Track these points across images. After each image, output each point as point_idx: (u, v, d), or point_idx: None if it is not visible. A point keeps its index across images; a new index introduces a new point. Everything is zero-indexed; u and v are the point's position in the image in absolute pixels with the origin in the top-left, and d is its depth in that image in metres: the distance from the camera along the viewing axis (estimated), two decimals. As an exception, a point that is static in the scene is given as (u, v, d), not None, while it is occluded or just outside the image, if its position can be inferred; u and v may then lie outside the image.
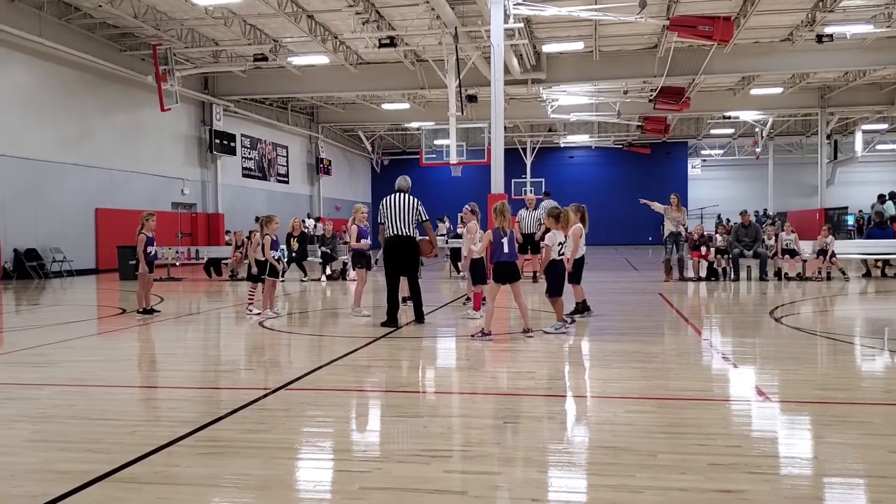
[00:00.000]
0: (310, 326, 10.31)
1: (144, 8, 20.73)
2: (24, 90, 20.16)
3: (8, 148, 19.38)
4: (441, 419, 5.07)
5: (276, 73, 27.70)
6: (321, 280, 18.07)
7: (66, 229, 21.39)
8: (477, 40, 22.57)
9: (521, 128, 41.14)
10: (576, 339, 8.41)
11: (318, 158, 39.17)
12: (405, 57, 25.96)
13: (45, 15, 20.14)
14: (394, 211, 9.57)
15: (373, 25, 21.79)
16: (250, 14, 21.30)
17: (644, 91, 31.07)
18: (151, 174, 25.71)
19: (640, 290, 14.74)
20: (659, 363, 7.06)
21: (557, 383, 6.26)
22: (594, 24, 22.52)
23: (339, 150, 42.68)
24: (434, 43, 23.40)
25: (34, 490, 3.60)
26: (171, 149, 27.32)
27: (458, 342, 8.50)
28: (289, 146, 36.61)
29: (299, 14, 21.19)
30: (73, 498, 3.50)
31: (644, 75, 26.98)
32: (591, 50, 25.31)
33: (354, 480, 3.75)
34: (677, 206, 16.64)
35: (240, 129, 31.72)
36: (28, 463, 4.10)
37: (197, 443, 4.44)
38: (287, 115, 35.66)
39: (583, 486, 3.74)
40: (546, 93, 30.52)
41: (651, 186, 42.88)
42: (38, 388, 6.17)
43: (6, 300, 15.10)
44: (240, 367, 6.10)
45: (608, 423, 4.83)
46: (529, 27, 22.98)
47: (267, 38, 23.66)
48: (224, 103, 29.52)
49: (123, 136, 24.34)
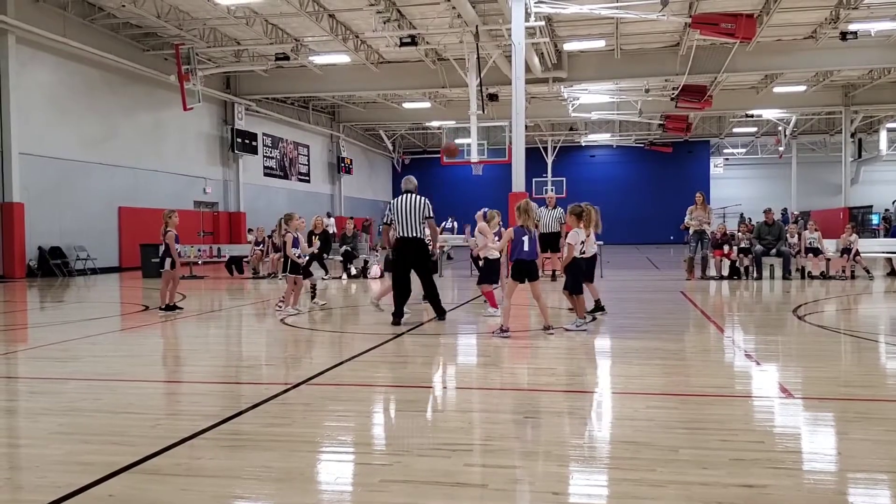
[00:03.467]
0: (331, 323, 10.34)
1: (167, 7, 20.90)
2: (48, 90, 20.40)
3: (33, 147, 19.61)
4: (462, 414, 5.07)
5: (297, 73, 27.82)
6: (343, 278, 18.13)
7: (90, 227, 21.62)
8: (498, 39, 22.52)
9: (542, 126, 41.02)
10: (597, 337, 8.37)
11: (339, 157, 39.30)
12: (426, 56, 25.98)
13: (70, 15, 20.36)
14: (403, 212, 9.53)
15: (394, 24, 21.81)
16: (272, 13, 21.40)
17: (666, 89, 30.86)
18: (174, 173, 25.92)
19: (662, 289, 14.65)
20: (680, 360, 7.02)
21: (578, 379, 6.24)
22: (616, 22, 22.40)
23: (360, 149, 42.79)
24: (455, 41, 23.38)
25: (59, 481, 3.64)
26: (194, 148, 27.53)
27: (478, 339, 8.50)
28: (310, 145, 36.77)
29: (321, 13, 21.27)
30: (98, 488, 3.54)
31: (666, 73, 26.80)
32: (613, 48, 25.18)
33: (375, 473, 3.76)
34: (702, 205, 16.53)
35: (261, 129, 31.90)
36: (53, 455, 4.15)
37: (219, 436, 4.48)
38: (308, 114, 35.80)
39: (603, 479, 3.72)
40: (567, 91, 30.41)
41: (673, 185, 42.71)
42: (63, 382, 6.24)
43: (31, 297, 15.30)
44: (261, 362, 6.14)
45: (629, 419, 4.81)
46: (551, 25, 22.91)
47: (289, 37, 23.77)
48: (246, 103, 29.69)
49: (146, 136, 24.57)
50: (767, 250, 16.41)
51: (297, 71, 27.58)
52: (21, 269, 19.10)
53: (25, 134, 19.33)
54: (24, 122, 19.22)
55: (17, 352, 8.16)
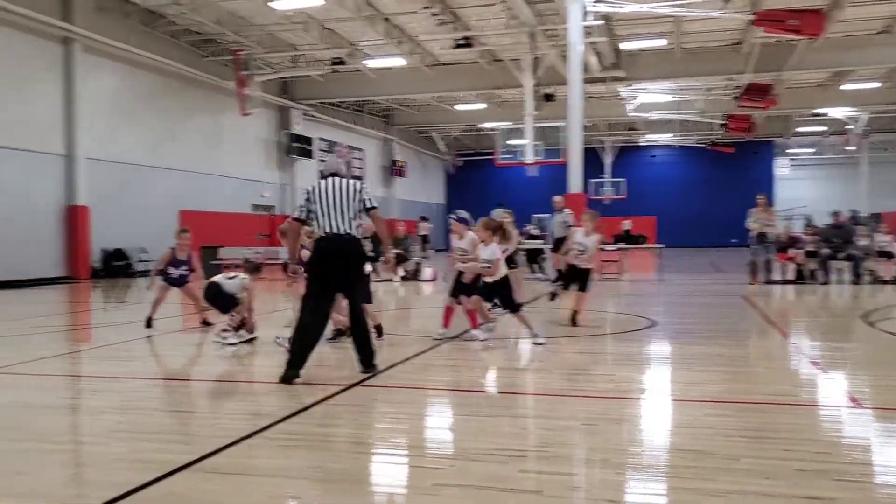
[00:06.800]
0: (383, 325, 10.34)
1: (226, 14, 21.31)
2: (112, 96, 20.99)
3: (98, 152, 20.18)
4: (516, 419, 5.01)
5: (352, 77, 28.07)
6: (394, 280, 18.19)
7: (151, 230, 22.10)
8: (554, 39, 22.35)
9: (599, 127, 40.55)
10: (656, 343, 8.20)
11: (392, 160, 39.54)
12: (481, 57, 25.93)
13: (133, 23, 20.92)
14: (327, 200, 6.47)
15: (449, 26, 21.85)
16: (328, 18, 21.64)
17: (728, 88, 30.21)
18: (232, 177, 26.39)
19: (724, 293, 14.30)
20: (742, 367, 6.83)
21: (636, 386, 6.10)
22: (676, 21, 22.02)
23: (414, 151, 42.97)
24: (510, 42, 23.30)
25: (121, 478, 3.70)
26: (251, 152, 28.01)
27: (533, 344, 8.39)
28: (364, 149, 37.07)
29: (376, 17, 21.41)
30: (158, 486, 3.58)
31: (728, 72, 26.24)
32: (673, 47, 24.75)
33: (428, 477, 3.73)
34: (765, 207, 16.12)
35: (317, 133, 32.26)
36: (114, 452, 4.23)
37: (275, 435, 4.50)
38: (363, 118, 36.11)
39: (662, 488, 3.62)
40: (626, 91, 30.01)
41: (736, 187, 41.67)
42: (124, 381, 6.37)
43: (94, 298, 15.74)
44: (314, 363, 6.17)
45: (688, 427, 4.68)
46: (608, 24, 22.62)
47: (344, 41, 24.00)
48: (302, 107, 30.10)
49: (206, 140, 25.09)
50: (835, 254, 15.90)
51: (351, 75, 27.83)
52: (85, 270, 19.67)
53: (91, 139, 19.89)
54: (89, 127, 19.79)
55: (80, 351, 8.40)
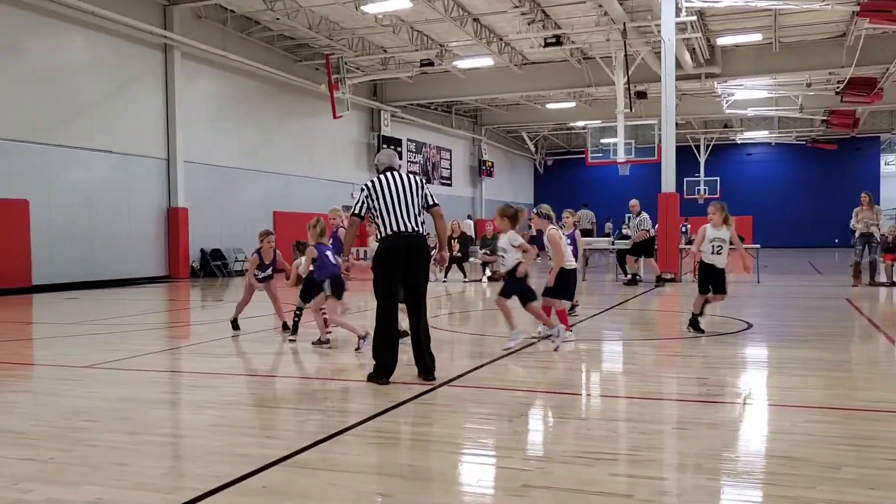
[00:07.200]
0: (471, 326, 10.40)
1: (318, 19, 21.81)
2: (209, 101, 21.79)
3: (197, 156, 20.99)
4: (606, 422, 4.93)
5: (441, 78, 28.26)
6: (482, 281, 18.20)
7: (247, 231, 22.82)
8: (646, 35, 21.91)
9: (693, 124, 39.53)
10: (753, 346, 7.92)
11: (480, 161, 39.57)
12: (571, 55, 25.66)
13: (229, 29, 21.67)
14: (393, 196, 6.07)
15: (538, 25, 21.71)
16: (418, 20, 21.85)
17: (830, 83, 28.86)
18: (324, 179, 26.97)
19: (826, 295, 13.70)
20: (845, 372, 6.53)
21: (730, 390, 5.91)
22: (774, 14, 21.22)
23: (502, 151, 42.88)
24: (601, 40, 22.97)
25: (218, 471, 3.83)
26: (342, 154, 28.57)
27: (625, 346, 8.26)
28: (452, 149, 37.23)
29: (465, 18, 21.49)
30: (253, 479, 3.68)
31: (830, 66, 25.09)
32: (771, 41, 23.85)
33: (516, 478, 3.71)
34: (869, 205, 15.37)
35: (406, 134, 32.61)
36: (213, 445, 4.38)
37: (365, 433, 4.57)
38: (451, 118, 36.29)
39: (757, 495, 3.49)
40: (721, 87, 29.12)
41: (838, 185, 39.87)
42: (222, 377, 6.60)
43: (193, 297, 16.36)
44: (403, 362, 6.23)
45: (786, 433, 4.50)
46: (703, 20, 22.03)
47: (433, 43, 24.19)
48: (391, 109, 30.49)
49: (298, 143, 25.73)
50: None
51: (440, 76, 28.01)
52: (185, 269, 20.48)
53: (189, 143, 20.69)
54: (188, 132, 20.60)
55: (180, 347, 8.74)
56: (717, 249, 8.52)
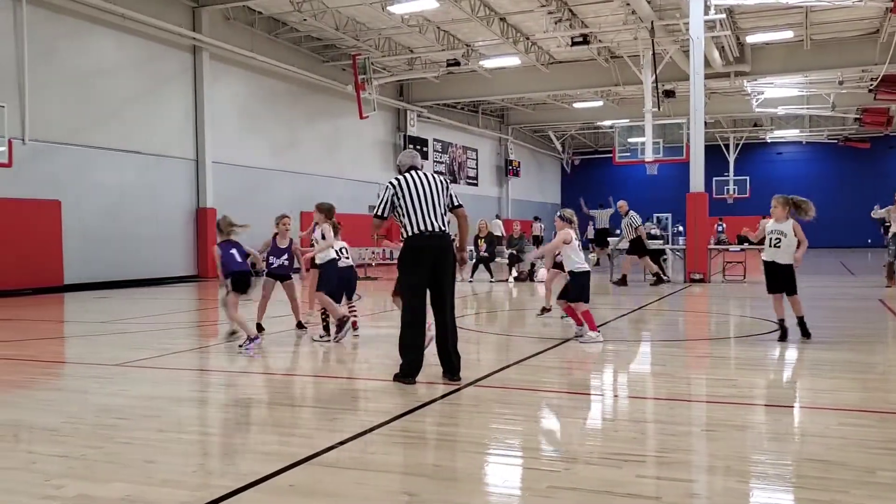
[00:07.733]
0: (497, 326, 10.37)
1: (345, 20, 21.91)
2: (237, 102, 21.98)
3: (225, 156, 21.18)
4: (634, 424, 4.88)
5: (467, 77, 28.25)
6: (508, 281, 18.15)
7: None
8: (675, 34, 21.75)
9: (722, 123, 39.13)
10: (783, 347, 7.80)
11: (506, 160, 39.49)
12: (598, 54, 25.54)
13: (257, 31, 21.87)
14: (418, 195, 6.03)
15: (565, 24, 21.63)
16: (444, 20, 21.87)
17: (863, 81, 28.42)
18: (350, 179, 27.07)
19: (858, 296, 13.49)
20: (879, 374, 6.41)
21: (760, 392, 5.84)
22: (805, 11, 20.95)
23: (528, 151, 42.76)
24: (629, 38, 22.84)
25: (245, 469, 3.86)
26: (369, 154, 28.67)
27: (653, 346, 8.18)
28: (478, 149, 37.19)
29: (491, 17, 21.46)
30: (280, 478, 3.70)
31: (863, 63, 24.71)
32: (802, 39, 23.56)
33: (543, 479, 3.68)
34: (903, 204, 15.09)
35: (432, 134, 32.64)
36: (240, 444, 4.42)
37: (391, 432, 4.57)
38: (477, 118, 36.26)
39: (789, 498, 3.45)
40: (751, 86, 28.80)
41: (871, 184, 39.14)
42: (249, 375, 6.65)
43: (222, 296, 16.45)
44: (430, 363, 6.22)
45: (818, 436, 4.42)
46: (732, 17, 21.80)
47: (459, 42, 24.19)
48: (418, 109, 30.55)
49: (325, 143, 25.87)
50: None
51: (466, 76, 28.00)
52: (214, 269, 20.63)
53: (217, 144, 20.88)
54: (216, 133, 20.80)
55: (208, 346, 8.84)
56: (776, 242, 8.12)
